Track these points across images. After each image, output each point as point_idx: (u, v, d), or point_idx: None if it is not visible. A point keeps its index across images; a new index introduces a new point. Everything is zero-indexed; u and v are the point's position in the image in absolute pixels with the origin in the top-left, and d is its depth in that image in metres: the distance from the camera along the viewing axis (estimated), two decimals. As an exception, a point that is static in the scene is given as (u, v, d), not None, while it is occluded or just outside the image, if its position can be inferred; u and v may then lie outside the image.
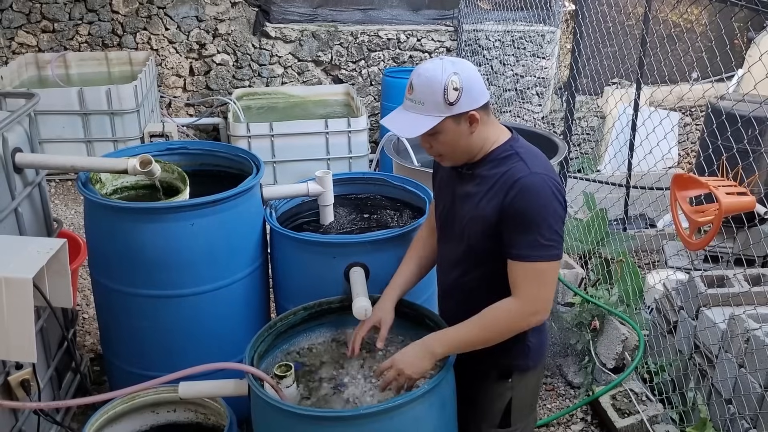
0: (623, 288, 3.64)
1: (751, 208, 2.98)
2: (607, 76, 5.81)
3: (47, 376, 2.69)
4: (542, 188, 1.86)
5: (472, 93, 1.88)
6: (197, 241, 2.56)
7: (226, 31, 6.60)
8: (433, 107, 1.86)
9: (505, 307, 1.93)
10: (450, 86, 1.84)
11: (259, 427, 2.08)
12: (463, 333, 1.97)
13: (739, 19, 4.73)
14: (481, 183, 1.96)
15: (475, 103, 1.89)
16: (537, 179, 1.87)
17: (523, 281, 1.90)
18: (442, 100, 1.85)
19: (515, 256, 1.89)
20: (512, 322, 1.93)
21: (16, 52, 6.29)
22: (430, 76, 1.87)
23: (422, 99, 1.88)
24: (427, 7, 7.10)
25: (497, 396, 2.14)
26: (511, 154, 1.94)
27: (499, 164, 1.94)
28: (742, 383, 2.68)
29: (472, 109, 1.89)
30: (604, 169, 6.19)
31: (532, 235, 1.85)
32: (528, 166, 1.89)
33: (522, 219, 1.86)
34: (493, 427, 2.17)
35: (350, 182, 3.13)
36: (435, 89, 1.85)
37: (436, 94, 1.85)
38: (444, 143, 1.94)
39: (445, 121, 1.88)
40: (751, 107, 3.24)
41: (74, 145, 5.46)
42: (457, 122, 1.89)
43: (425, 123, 1.88)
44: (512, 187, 1.87)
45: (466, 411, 2.19)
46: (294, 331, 2.37)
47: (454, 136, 1.91)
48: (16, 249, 2.14)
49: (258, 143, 5.50)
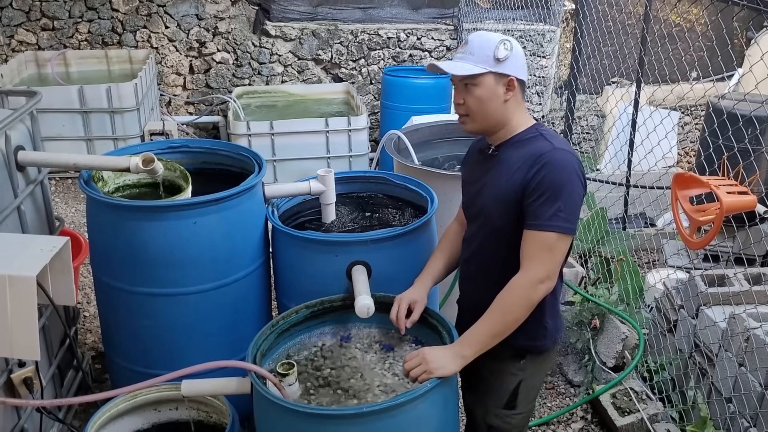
0: (623, 287, 3.65)
1: (752, 207, 2.99)
2: (607, 75, 5.82)
3: (49, 374, 2.69)
4: (567, 162, 1.95)
5: (518, 61, 2.02)
6: (199, 240, 2.56)
7: (226, 30, 6.60)
8: (482, 59, 1.99)
9: (515, 283, 1.97)
10: (502, 45, 1.98)
11: (261, 425, 2.09)
12: (486, 327, 1.99)
13: (739, 19, 4.73)
14: (506, 162, 2.04)
15: (518, 72, 2.02)
16: (561, 154, 1.96)
17: (533, 251, 1.95)
18: (491, 54, 1.98)
19: (532, 226, 1.95)
20: (525, 296, 1.97)
21: (15, 50, 6.29)
22: (486, 36, 2.02)
23: (474, 51, 2.01)
24: (427, 6, 7.11)
25: (508, 375, 2.17)
26: (536, 136, 2.04)
27: (524, 145, 2.03)
28: (742, 382, 2.69)
29: (513, 75, 2.00)
30: (604, 168, 6.19)
31: (552, 206, 1.91)
32: (552, 143, 1.98)
33: (544, 190, 1.92)
34: (499, 407, 2.20)
35: (352, 181, 3.13)
36: (488, 43, 1.99)
37: (487, 48, 1.99)
38: (478, 98, 2.02)
39: (488, 75, 1.99)
40: (752, 106, 3.25)
41: (74, 144, 5.47)
42: (497, 81, 2.00)
43: (471, 68, 1.99)
44: (537, 161, 1.95)
45: (474, 389, 2.22)
46: (296, 329, 2.38)
47: (489, 93, 2.01)
48: (20, 247, 2.14)
49: (258, 141, 5.50)
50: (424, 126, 4.40)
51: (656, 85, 4.22)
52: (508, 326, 1.99)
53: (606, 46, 4.97)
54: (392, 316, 2.20)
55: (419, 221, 2.64)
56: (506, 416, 2.22)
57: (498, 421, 2.22)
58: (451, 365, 1.98)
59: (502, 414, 2.22)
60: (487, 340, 2.00)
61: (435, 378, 1.94)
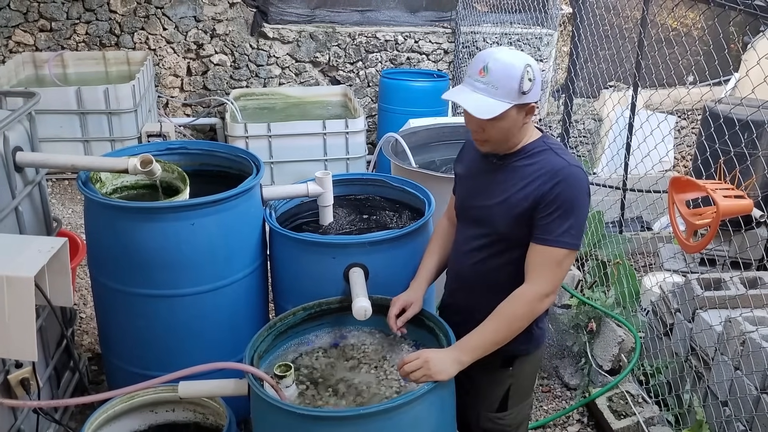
0: (620, 290, 3.66)
1: (748, 211, 3.00)
2: (604, 79, 5.83)
3: (46, 374, 2.69)
4: (583, 181, 1.97)
5: (538, 86, 1.95)
6: (197, 241, 2.56)
7: (224, 32, 6.60)
8: (507, 93, 1.90)
9: (521, 295, 1.98)
10: (526, 76, 1.89)
11: (258, 426, 2.09)
12: (490, 336, 2.00)
13: (736, 23, 4.76)
14: (514, 173, 2.03)
15: (537, 96, 1.97)
16: (578, 172, 1.97)
17: (541, 265, 1.96)
18: (517, 88, 1.89)
19: (542, 240, 1.96)
20: (530, 309, 1.99)
21: (13, 51, 6.28)
22: (509, 63, 1.90)
23: (497, 84, 1.89)
24: (425, 9, 7.12)
25: (498, 383, 2.20)
26: (545, 149, 2.03)
27: (533, 157, 2.02)
28: (738, 385, 2.69)
29: (534, 102, 1.97)
30: (600, 171, 6.20)
31: (565, 223, 1.93)
32: (566, 160, 1.99)
33: (558, 206, 1.93)
34: (491, 411, 2.23)
35: (349, 183, 3.14)
36: (513, 76, 1.89)
37: (513, 81, 1.89)
38: (500, 129, 1.97)
39: (512, 109, 1.92)
40: (748, 111, 3.26)
41: (72, 145, 5.46)
42: (519, 111, 1.96)
43: (497, 107, 1.90)
44: (553, 177, 1.95)
45: (465, 397, 2.22)
46: (293, 331, 2.38)
47: (512, 124, 1.97)
48: (17, 248, 2.14)
49: (255, 144, 5.50)
50: (421, 129, 4.42)
51: (653, 89, 4.23)
52: (510, 336, 2.01)
53: (603, 49, 4.98)
54: (388, 316, 2.22)
55: (417, 224, 2.65)
56: (499, 419, 2.24)
57: (491, 425, 2.25)
58: (450, 369, 1.99)
59: (495, 417, 2.24)
60: (488, 347, 2.01)
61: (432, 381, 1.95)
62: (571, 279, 3.80)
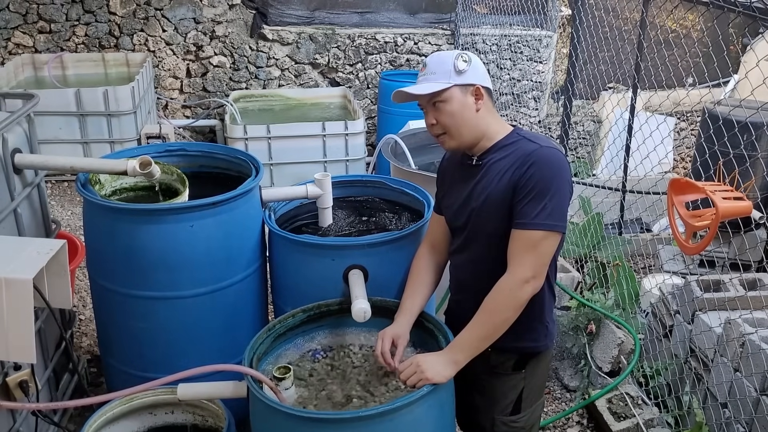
0: (619, 292, 3.66)
1: (747, 213, 2.99)
2: (603, 81, 5.84)
3: (45, 377, 2.68)
4: (554, 159, 1.96)
5: (478, 70, 2.05)
6: (196, 243, 2.56)
7: (223, 33, 6.60)
8: (443, 75, 2.02)
9: (501, 285, 1.97)
10: (459, 58, 2.02)
11: (257, 429, 2.09)
12: (476, 331, 2.00)
13: (735, 25, 4.76)
14: (494, 168, 2.04)
15: (482, 80, 2.05)
16: (550, 152, 1.97)
17: (519, 250, 1.96)
18: (451, 68, 2.01)
19: (518, 225, 1.95)
20: (511, 297, 1.96)
21: (12, 52, 6.28)
22: (442, 54, 2.08)
23: (434, 70, 2.04)
24: (425, 11, 7.12)
25: (511, 387, 2.18)
26: (518, 140, 2.05)
27: (506, 149, 2.04)
28: (737, 387, 2.69)
29: (478, 83, 2.03)
30: (600, 173, 6.21)
31: (540, 204, 1.92)
32: (538, 143, 2.00)
33: (531, 188, 1.93)
34: (505, 415, 2.21)
35: (349, 185, 3.13)
36: (446, 61, 2.03)
37: (445, 64, 2.03)
38: (450, 113, 2.02)
39: (453, 89, 2.01)
40: (748, 112, 3.26)
41: (71, 147, 5.46)
42: (463, 92, 2.02)
43: (435, 86, 2.02)
44: (525, 161, 1.96)
45: (476, 401, 2.22)
46: (293, 333, 2.38)
47: (459, 106, 2.02)
48: (16, 250, 2.14)
49: (255, 145, 5.50)
50: (420, 130, 4.41)
51: (652, 91, 4.23)
52: (496, 328, 1.99)
53: (602, 51, 4.99)
54: (377, 352, 2.16)
55: (416, 225, 2.64)
56: (513, 422, 2.22)
57: (505, 428, 2.22)
58: (445, 371, 1.98)
59: (509, 421, 2.22)
60: (478, 343, 2.01)
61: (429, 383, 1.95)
62: (571, 281, 3.80)
